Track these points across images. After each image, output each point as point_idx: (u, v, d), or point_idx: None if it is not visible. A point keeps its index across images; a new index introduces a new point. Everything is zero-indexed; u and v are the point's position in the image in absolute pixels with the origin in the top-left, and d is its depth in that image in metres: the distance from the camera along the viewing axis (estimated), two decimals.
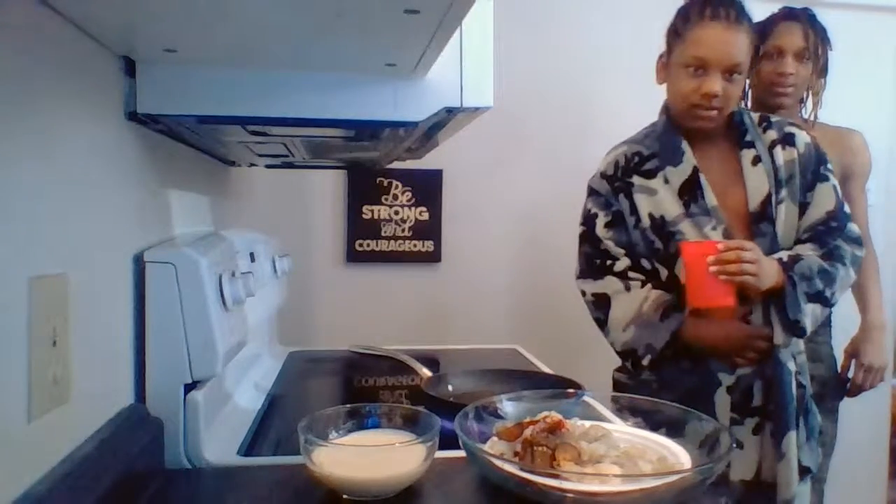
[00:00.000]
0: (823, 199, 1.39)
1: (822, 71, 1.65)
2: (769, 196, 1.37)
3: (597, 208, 1.46)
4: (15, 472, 0.55)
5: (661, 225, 1.39)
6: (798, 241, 1.39)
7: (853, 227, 1.41)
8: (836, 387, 1.70)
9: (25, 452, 0.56)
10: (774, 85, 1.64)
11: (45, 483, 0.57)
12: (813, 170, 1.41)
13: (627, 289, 1.40)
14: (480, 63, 0.83)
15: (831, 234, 1.38)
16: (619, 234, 1.43)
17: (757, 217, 1.37)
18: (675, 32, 1.38)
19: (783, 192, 1.38)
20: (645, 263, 1.42)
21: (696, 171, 1.38)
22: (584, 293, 1.45)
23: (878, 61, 2.30)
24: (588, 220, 1.47)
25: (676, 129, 1.42)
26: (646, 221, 1.40)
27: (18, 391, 0.55)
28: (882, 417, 2.36)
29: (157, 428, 0.81)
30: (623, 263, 1.42)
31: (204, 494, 0.81)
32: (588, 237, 1.46)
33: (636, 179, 1.42)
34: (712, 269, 1.26)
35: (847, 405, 1.73)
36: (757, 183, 1.39)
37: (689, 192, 1.38)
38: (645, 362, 1.36)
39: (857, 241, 1.41)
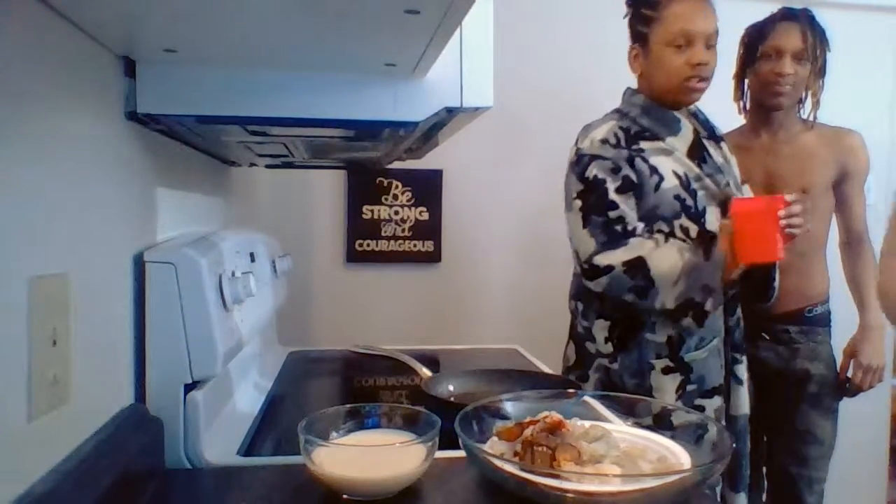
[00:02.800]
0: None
1: (820, 71, 1.65)
2: (740, 183, 1.50)
3: (603, 173, 1.37)
4: (15, 471, 0.55)
5: (687, 182, 1.39)
6: None
7: None
8: (835, 387, 1.70)
9: (25, 452, 0.56)
10: (772, 84, 1.64)
11: (45, 483, 0.57)
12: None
13: (657, 244, 1.34)
14: (480, 63, 0.83)
15: None
16: (629, 202, 1.36)
17: None
18: (645, 18, 1.42)
19: None
20: (662, 226, 1.38)
21: (697, 134, 1.43)
22: (609, 268, 1.34)
23: (877, 61, 2.30)
24: (593, 187, 1.37)
25: (664, 106, 1.44)
26: (672, 180, 1.39)
27: (18, 391, 0.55)
28: (882, 417, 2.36)
29: (157, 428, 0.81)
30: (642, 227, 1.37)
31: (204, 494, 0.81)
32: (597, 205, 1.37)
33: (645, 144, 1.41)
34: (783, 222, 1.26)
35: (847, 405, 1.73)
36: (736, 171, 1.50)
37: (697, 154, 1.42)
38: (709, 307, 1.33)
39: None
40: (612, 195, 1.36)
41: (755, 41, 1.67)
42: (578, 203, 1.39)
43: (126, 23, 0.68)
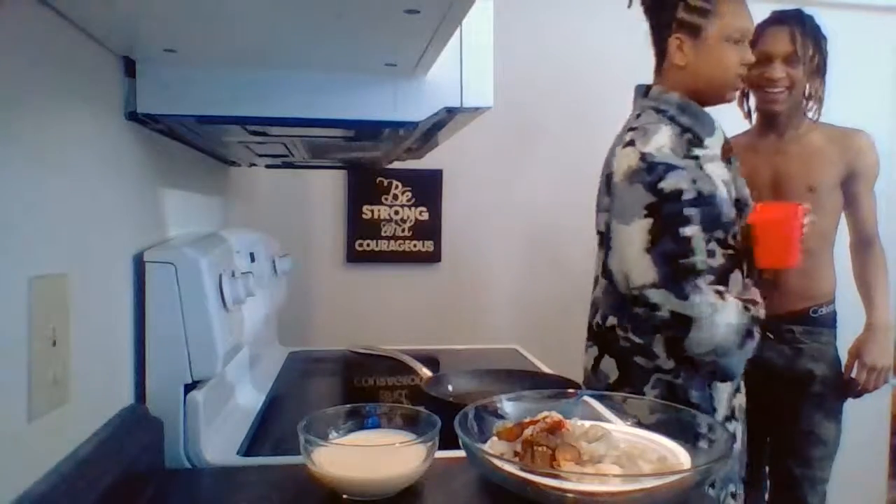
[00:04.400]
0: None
1: (818, 70, 1.65)
2: None
3: (683, 184, 1.23)
4: (15, 472, 0.55)
5: (728, 188, 1.33)
6: None
7: None
8: (839, 387, 1.70)
9: (25, 452, 0.56)
10: (763, 89, 1.64)
11: (45, 483, 0.57)
12: None
13: (714, 310, 1.21)
14: (480, 63, 0.83)
15: None
16: (702, 217, 1.23)
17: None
18: (701, 11, 1.35)
19: None
20: (720, 234, 1.27)
21: (726, 137, 1.40)
22: (656, 307, 1.23)
23: (877, 61, 2.30)
24: (670, 199, 1.23)
25: (699, 104, 1.39)
26: (723, 187, 1.29)
27: (18, 391, 0.55)
28: (882, 417, 2.36)
29: (157, 428, 0.81)
30: (701, 260, 1.22)
31: (204, 494, 0.81)
32: (669, 224, 1.22)
33: (698, 151, 1.31)
34: (806, 229, 1.28)
35: (847, 405, 1.73)
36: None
37: (726, 157, 1.38)
38: (721, 383, 1.33)
39: None
40: (688, 209, 1.22)
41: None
42: (647, 222, 1.23)
43: (126, 23, 0.68)
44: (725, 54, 1.35)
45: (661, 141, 1.28)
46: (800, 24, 1.62)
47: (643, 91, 1.44)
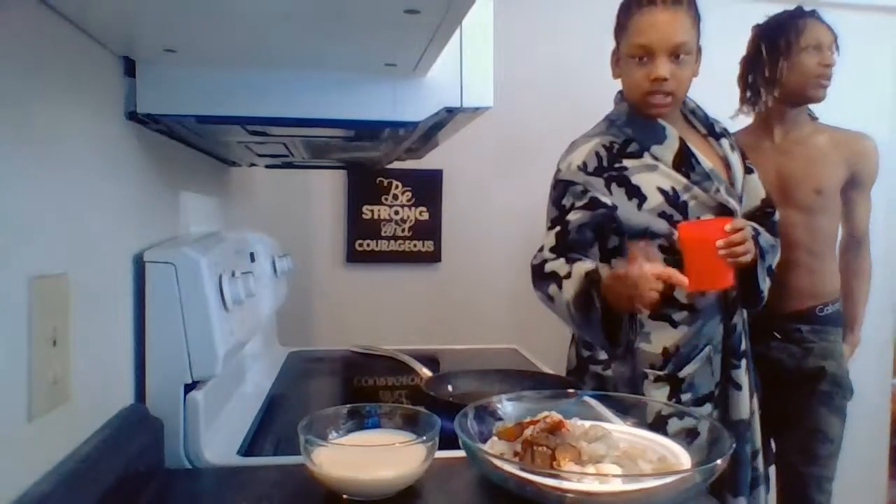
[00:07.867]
0: (755, 189, 1.48)
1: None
2: (743, 180, 1.46)
3: (572, 199, 1.36)
4: (15, 471, 0.55)
5: (675, 196, 1.35)
6: None
7: (777, 217, 1.50)
8: (845, 385, 1.70)
9: (25, 452, 0.56)
10: (820, 77, 1.62)
11: (45, 483, 0.57)
12: (741, 163, 1.49)
13: (551, 298, 1.32)
14: (480, 63, 0.83)
15: (767, 217, 1.46)
16: (585, 225, 1.34)
17: (739, 198, 1.43)
18: (620, 26, 1.40)
19: None
20: (663, 242, 1.35)
21: (682, 141, 1.39)
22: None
23: (878, 61, 2.30)
24: (561, 213, 1.36)
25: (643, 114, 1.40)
26: (656, 198, 1.34)
27: (18, 391, 0.55)
28: (882, 417, 2.36)
29: (157, 428, 0.81)
30: (552, 266, 1.32)
31: (204, 494, 0.81)
32: (561, 232, 1.36)
33: (628, 163, 1.37)
34: (722, 252, 1.24)
35: (848, 404, 1.73)
36: (737, 168, 1.45)
37: (684, 163, 1.37)
38: (655, 384, 1.37)
39: (776, 231, 1.48)
40: (570, 215, 1.34)
41: (786, 35, 1.63)
42: (552, 232, 1.37)
43: (126, 23, 0.68)
44: (628, 71, 1.38)
45: (577, 158, 1.39)
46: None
47: (616, 98, 1.48)
